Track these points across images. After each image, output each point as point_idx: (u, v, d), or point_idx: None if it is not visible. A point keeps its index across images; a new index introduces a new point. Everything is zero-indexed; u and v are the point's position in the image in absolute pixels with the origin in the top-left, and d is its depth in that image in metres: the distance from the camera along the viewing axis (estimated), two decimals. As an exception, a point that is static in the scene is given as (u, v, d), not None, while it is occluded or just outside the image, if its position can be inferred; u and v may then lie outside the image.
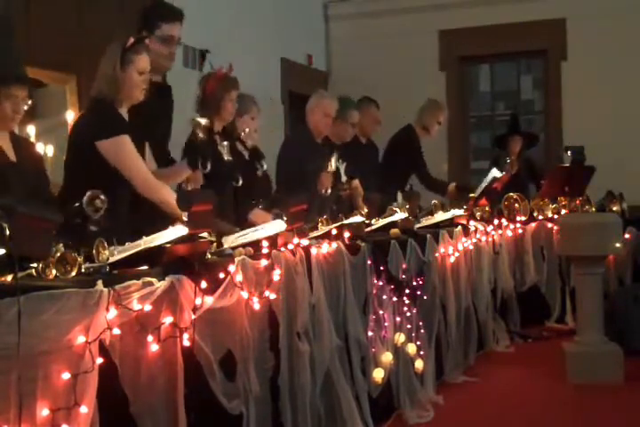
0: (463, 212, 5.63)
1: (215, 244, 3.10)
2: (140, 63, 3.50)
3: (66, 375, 2.08)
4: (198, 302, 2.54)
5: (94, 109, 3.52)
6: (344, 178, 5.55)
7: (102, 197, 2.72)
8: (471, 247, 5.49)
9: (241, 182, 4.36)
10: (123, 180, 3.46)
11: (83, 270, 2.46)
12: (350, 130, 5.87)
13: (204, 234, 2.93)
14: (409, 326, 4.33)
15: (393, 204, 4.99)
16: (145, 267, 2.59)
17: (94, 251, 2.52)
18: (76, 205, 2.69)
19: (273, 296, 3.06)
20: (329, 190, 5.15)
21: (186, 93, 4.58)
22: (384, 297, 4.09)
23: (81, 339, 2.12)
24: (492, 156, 7.53)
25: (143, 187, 3.50)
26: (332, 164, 5.09)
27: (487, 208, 6.18)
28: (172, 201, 3.40)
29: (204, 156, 3.56)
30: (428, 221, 5.33)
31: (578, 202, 6.20)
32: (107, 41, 3.68)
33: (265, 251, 3.11)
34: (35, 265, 2.35)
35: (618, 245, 5.06)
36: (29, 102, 3.06)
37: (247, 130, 4.69)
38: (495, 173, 6.24)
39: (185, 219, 2.74)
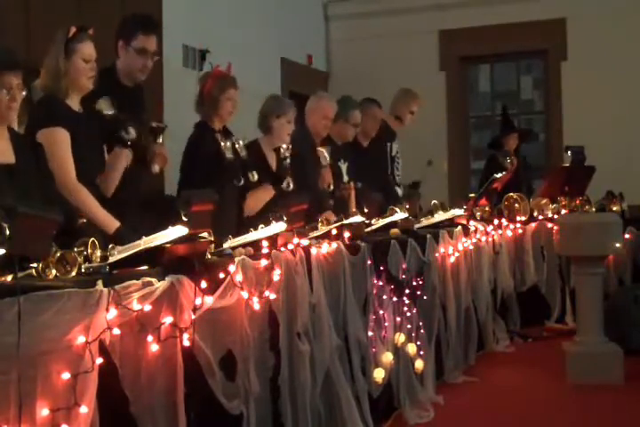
0: (463, 212, 5.63)
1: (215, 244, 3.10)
2: (85, 50, 3.44)
3: (66, 375, 2.07)
4: (198, 302, 2.54)
5: (38, 103, 3.43)
6: (345, 178, 5.55)
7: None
8: (471, 247, 5.49)
9: (242, 182, 4.35)
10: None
11: (83, 270, 2.46)
12: (352, 130, 5.82)
13: (204, 234, 2.93)
14: (409, 326, 4.33)
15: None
16: (145, 267, 2.59)
17: (88, 251, 2.52)
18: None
19: (273, 296, 3.06)
20: (331, 186, 5.15)
21: (186, 93, 4.58)
22: (384, 297, 4.08)
23: (81, 339, 2.12)
24: (487, 156, 7.47)
25: (60, 188, 3.36)
26: (325, 159, 5.10)
27: (487, 208, 6.18)
28: (98, 213, 3.38)
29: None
30: (427, 221, 5.33)
31: (578, 202, 6.20)
32: (107, 40, 3.68)
33: (265, 251, 3.11)
34: (35, 265, 2.35)
35: (618, 245, 5.06)
36: (24, 93, 3.02)
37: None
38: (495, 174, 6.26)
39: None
